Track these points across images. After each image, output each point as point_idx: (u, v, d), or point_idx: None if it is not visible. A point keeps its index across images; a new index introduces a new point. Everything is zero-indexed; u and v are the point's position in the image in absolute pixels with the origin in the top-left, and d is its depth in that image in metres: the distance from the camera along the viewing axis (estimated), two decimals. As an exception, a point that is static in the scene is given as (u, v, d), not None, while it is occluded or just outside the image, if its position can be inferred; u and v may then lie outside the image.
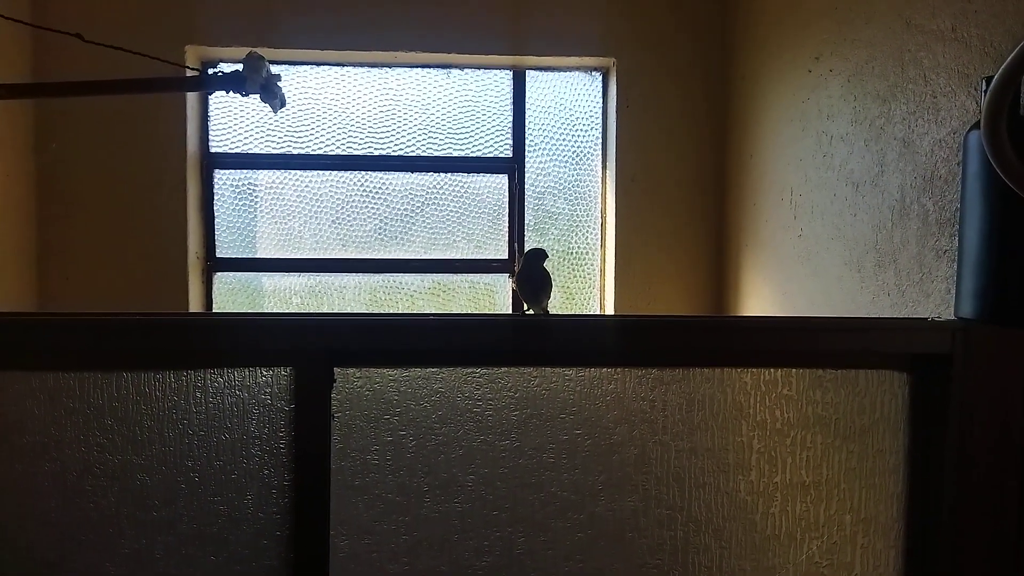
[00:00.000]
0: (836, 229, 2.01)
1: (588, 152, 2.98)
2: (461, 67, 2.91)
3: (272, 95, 1.90)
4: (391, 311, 2.95)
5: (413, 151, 2.93)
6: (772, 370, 1.33)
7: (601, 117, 2.97)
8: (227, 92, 1.91)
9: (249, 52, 1.87)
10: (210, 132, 2.84)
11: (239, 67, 1.88)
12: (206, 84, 1.87)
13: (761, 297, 2.49)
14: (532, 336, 1.34)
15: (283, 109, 1.98)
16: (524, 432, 1.31)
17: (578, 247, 3.01)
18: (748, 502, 1.30)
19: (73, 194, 2.69)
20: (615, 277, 2.87)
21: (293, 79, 2.86)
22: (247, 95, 1.91)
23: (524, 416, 1.31)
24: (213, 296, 2.87)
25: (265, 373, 1.30)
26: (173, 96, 2.62)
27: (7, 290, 2.52)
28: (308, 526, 1.26)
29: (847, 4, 1.96)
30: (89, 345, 1.26)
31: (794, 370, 1.35)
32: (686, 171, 2.85)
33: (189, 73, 2.13)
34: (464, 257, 2.97)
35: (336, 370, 1.31)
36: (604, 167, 2.96)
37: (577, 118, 2.97)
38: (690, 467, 1.30)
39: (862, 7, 1.89)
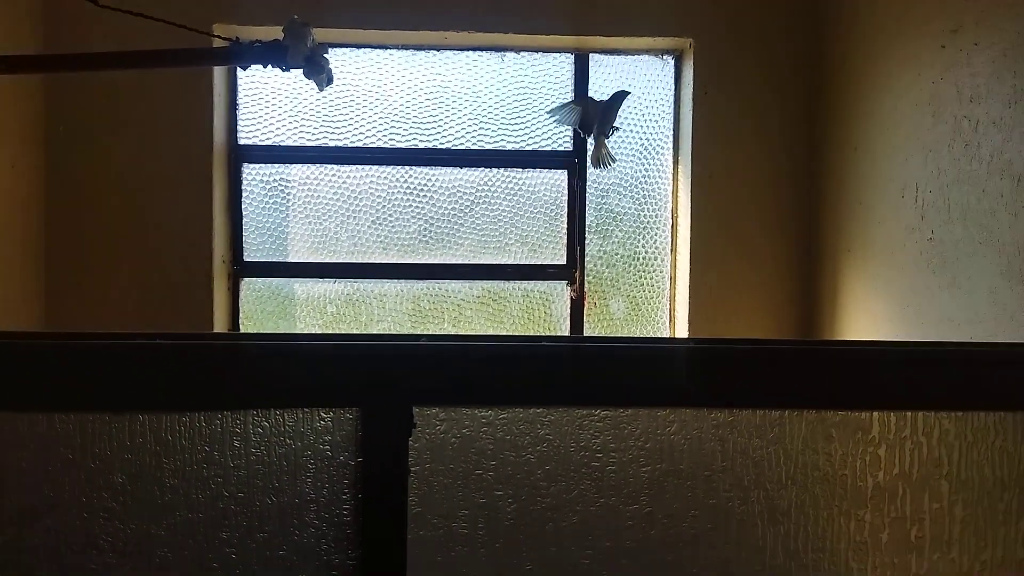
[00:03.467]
0: (987, 232, 1.67)
1: (659, 145, 2.66)
2: (517, 49, 2.61)
3: (319, 69, 1.60)
4: (445, 328, 2.65)
5: (462, 144, 2.63)
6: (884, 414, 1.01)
7: (673, 106, 2.65)
8: (265, 67, 1.61)
9: (292, 18, 1.58)
10: (239, 121, 2.55)
11: (278, 37, 1.58)
12: (241, 56, 1.58)
13: (872, 312, 2.15)
14: (669, 367, 1.02)
15: (328, 87, 1.68)
16: (658, 494, 0.99)
17: (645, 251, 2.69)
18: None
19: (85, 189, 2.41)
20: (689, 286, 2.55)
21: (330, 63, 2.56)
22: (288, 70, 1.62)
23: (657, 473, 0.99)
24: (240, 305, 2.57)
25: (324, 416, 0.98)
26: (198, 78, 2.34)
27: (9, 299, 2.24)
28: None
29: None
30: (94, 377, 0.94)
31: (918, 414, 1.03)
32: (774, 166, 2.53)
33: (219, 44, 1.84)
34: (517, 262, 2.66)
35: (415, 410, 0.99)
36: (676, 162, 2.64)
37: (646, 107, 2.66)
38: (876, 543, 0.98)
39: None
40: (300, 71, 1.60)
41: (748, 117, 2.52)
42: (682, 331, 2.60)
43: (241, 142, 2.57)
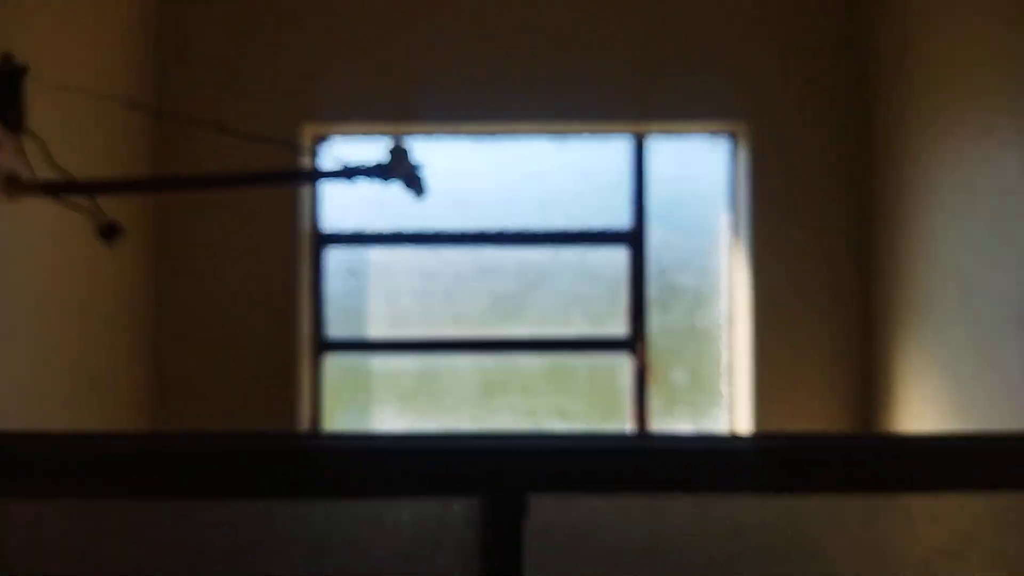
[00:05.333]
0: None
1: (716, 221, 2.80)
2: (578, 135, 2.79)
3: (416, 185, 1.79)
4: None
5: (527, 225, 2.80)
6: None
7: (730, 185, 2.79)
8: (371, 182, 1.80)
9: (394, 142, 1.77)
10: (321, 210, 2.77)
11: (382, 158, 1.78)
12: (351, 175, 1.77)
13: (923, 387, 2.24)
14: (734, 460, 1.15)
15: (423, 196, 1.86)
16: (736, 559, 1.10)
17: (705, 324, 2.81)
18: None
19: (185, 273, 2.63)
20: (751, 356, 2.66)
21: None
22: (388, 181, 1.81)
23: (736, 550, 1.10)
24: (323, 380, 2.75)
25: (448, 505, 1.13)
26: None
27: (120, 370, 2.44)
28: None
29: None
30: (244, 471, 1.11)
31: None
32: (830, 241, 2.64)
33: (326, 162, 2.05)
34: (581, 336, 2.80)
35: (531, 496, 1.13)
36: (736, 238, 2.77)
37: (703, 186, 2.81)
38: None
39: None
40: (400, 186, 1.79)
41: (803, 195, 2.65)
42: (743, 400, 2.70)
43: (323, 229, 2.78)
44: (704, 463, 1.10)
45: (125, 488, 1.10)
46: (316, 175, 2.19)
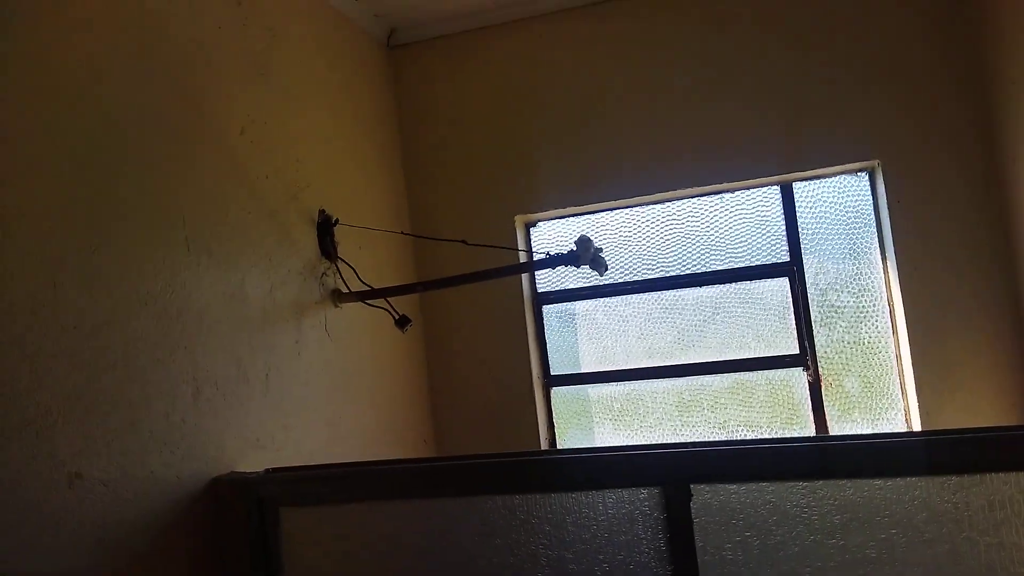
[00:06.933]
0: None
1: (866, 246, 3.22)
2: (732, 192, 3.37)
3: (599, 265, 2.53)
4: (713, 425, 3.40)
5: (700, 268, 3.42)
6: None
7: (874, 212, 3.20)
8: (565, 267, 2.58)
9: (581, 236, 2.53)
10: (536, 278, 3.61)
11: (573, 247, 2.54)
12: (552, 264, 2.56)
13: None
14: (839, 455, 1.74)
15: (606, 272, 2.59)
16: (846, 533, 1.68)
17: (868, 337, 3.21)
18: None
19: (446, 341, 3.60)
20: (911, 363, 3.02)
21: (594, 221, 3.55)
22: (579, 267, 2.57)
23: (845, 519, 1.68)
24: (552, 407, 3.57)
25: (642, 492, 1.84)
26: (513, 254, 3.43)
27: (410, 417, 3.44)
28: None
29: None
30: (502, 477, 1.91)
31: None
32: (970, 251, 2.96)
33: (536, 257, 2.87)
34: (757, 356, 3.34)
35: (692, 487, 1.80)
36: (884, 259, 3.17)
37: (849, 215, 3.24)
38: (1000, 559, 1.56)
39: None
40: (588, 267, 2.54)
41: (938, 215, 2.99)
42: (912, 402, 3.06)
43: (540, 290, 3.62)
44: (827, 455, 1.71)
45: (432, 491, 1.93)
46: (529, 266, 3.02)
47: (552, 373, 3.60)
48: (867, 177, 3.22)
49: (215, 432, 2.09)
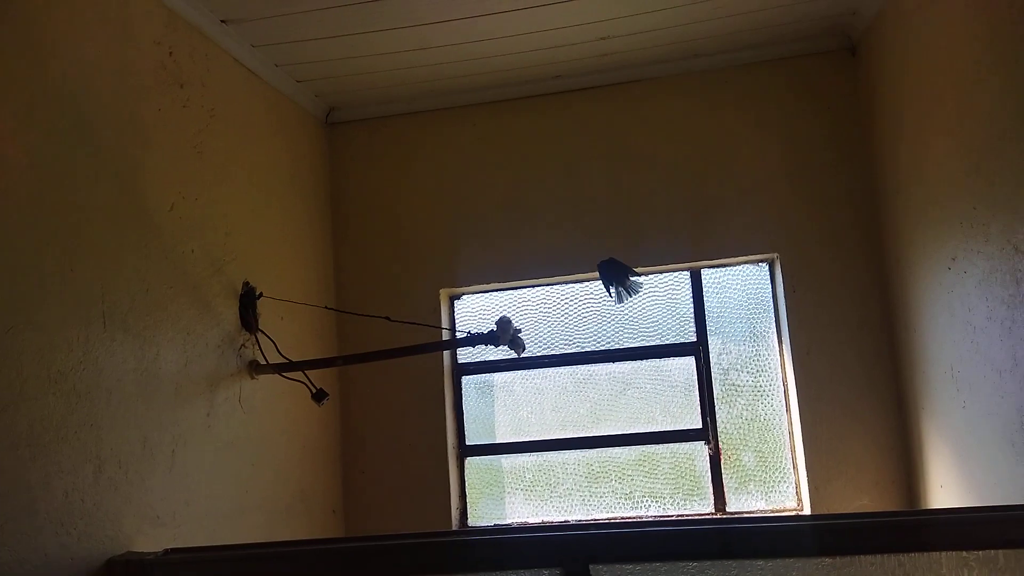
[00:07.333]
0: (988, 407, 2.32)
1: (765, 329, 3.47)
2: (647, 275, 3.58)
3: (517, 346, 2.64)
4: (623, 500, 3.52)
5: (613, 344, 3.59)
6: (925, 554, 1.74)
7: (772, 299, 3.46)
8: (484, 346, 2.68)
9: (500, 317, 2.64)
10: (457, 350, 3.70)
11: (494, 327, 2.65)
12: (472, 342, 2.66)
13: (941, 455, 2.76)
14: (725, 537, 1.88)
15: (523, 351, 2.71)
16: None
17: (765, 414, 3.44)
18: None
19: (362, 413, 3.62)
20: (803, 439, 3.25)
21: (516, 296, 3.68)
22: (498, 347, 2.67)
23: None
24: (465, 477, 3.62)
25: (543, 573, 1.92)
26: (435, 332, 3.50)
27: (322, 489, 3.42)
28: None
29: (969, 220, 2.38)
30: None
31: (943, 554, 1.74)
32: (855, 344, 3.23)
33: (459, 335, 2.97)
34: (663, 429, 3.50)
35: (591, 567, 1.90)
36: (780, 342, 3.42)
37: (751, 301, 3.49)
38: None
39: (980, 228, 2.30)
40: (506, 347, 2.65)
41: (828, 308, 3.27)
42: (803, 476, 3.27)
43: (460, 361, 3.70)
44: (713, 537, 1.83)
45: (334, 573, 1.95)
46: (449, 344, 3.11)
47: (467, 443, 3.66)
48: (767, 267, 3.49)
49: (113, 510, 2.05)
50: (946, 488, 2.76)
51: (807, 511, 3.24)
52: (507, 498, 3.63)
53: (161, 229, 2.33)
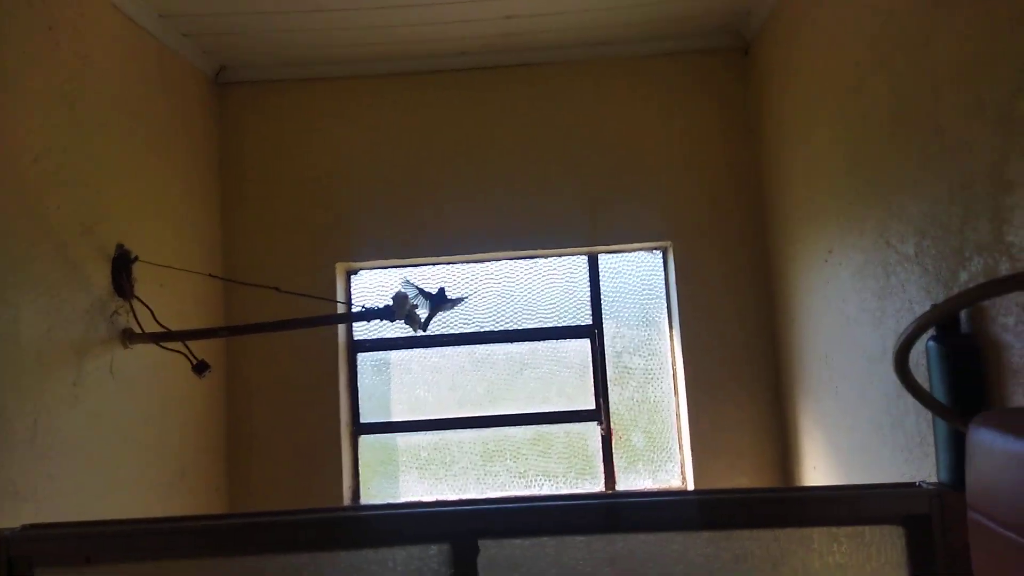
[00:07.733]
0: (859, 393, 2.47)
1: (657, 315, 3.56)
2: (546, 257, 3.60)
3: (414, 322, 2.59)
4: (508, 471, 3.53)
5: (511, 326, 3.59)
6: (798, 529, 1.83)
7: (664, 286, 3.56)
8: (380, 321, 2.62)
9: (397, 291, 2.59)
10: (353, 326, 3.60)
11: (390, 302, 2.59)
12: (367, 316, 2.59)
13: (814, 439, 2.93)
14: (610, 512, 1.91)
15: (420, 329, 2.66)
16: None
17: (655, 396, 3.54)
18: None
19: (249, 388, 3.47)
20: (688, 421, 3.37)
21: (415, 274, 3.61)
22: (394, 322, 2.62)
23: (616, 571, 1.83)
24: (359, 456, 3.54)
25: (431, 548, 1.89)
26: (331, 307, 3.39)
27: (205, 466, 3.26)
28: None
29: (846, 215, 2.51)
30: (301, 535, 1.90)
31: (815, 529, 1.83)
32: (740, 331, 3.38)
33: (355, 309, 2.87)
34: (558, 409, 3.55)
35: (480, 542, 1.89)
36: (671, 327, 3.52)
37: (644, 287, 3.58)
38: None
39: (856, 223, 2.44)
40: (402, 322, 2.60)
41: (716, 295, 3.40)
42: (687, 457, 3.39)
43: (356, 338, 3.60)
44: (599, 511, 1.85)
45: (211, 551, 1.87)
46: (344, 317, 3.02)
47: (361, 421, 3.58)
48: (661, 255, 3.58)
49: (-34, 486, 1.87)
50: (818, 469, 2.93)
51: (691, 489, 3.37)
52: (401, 477, 3.58)
53: (23, 181, 2.13)
